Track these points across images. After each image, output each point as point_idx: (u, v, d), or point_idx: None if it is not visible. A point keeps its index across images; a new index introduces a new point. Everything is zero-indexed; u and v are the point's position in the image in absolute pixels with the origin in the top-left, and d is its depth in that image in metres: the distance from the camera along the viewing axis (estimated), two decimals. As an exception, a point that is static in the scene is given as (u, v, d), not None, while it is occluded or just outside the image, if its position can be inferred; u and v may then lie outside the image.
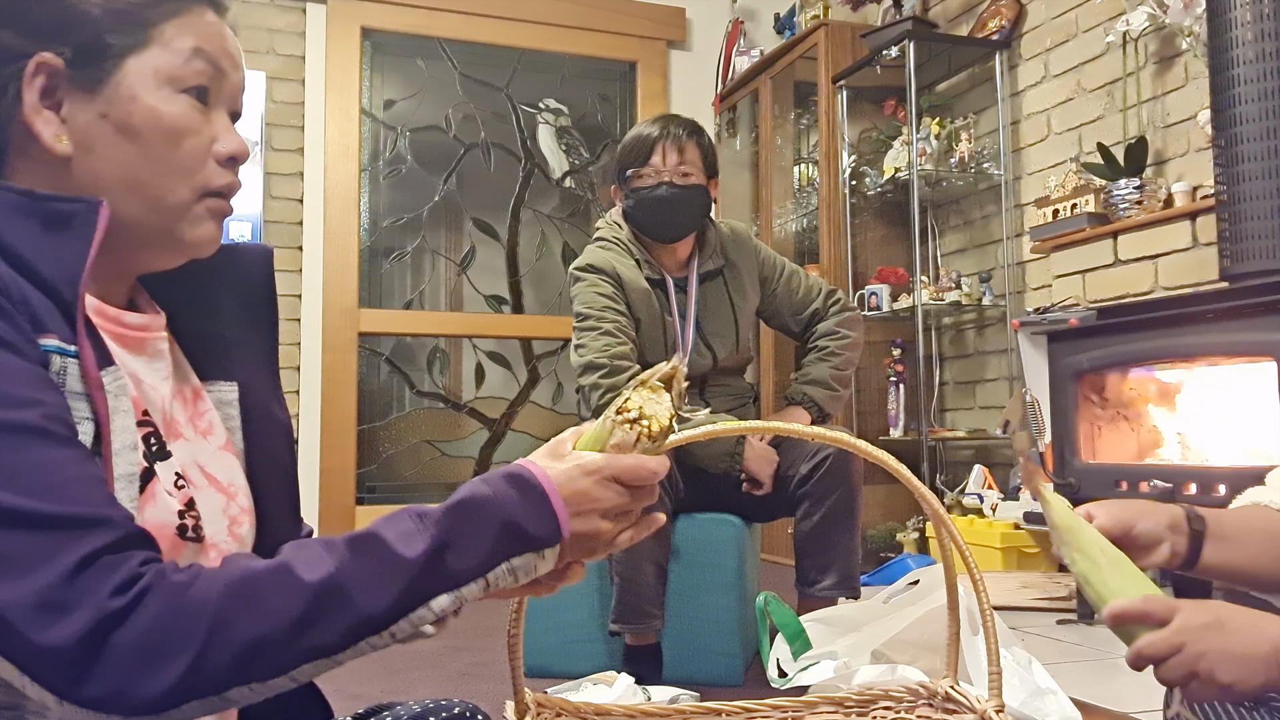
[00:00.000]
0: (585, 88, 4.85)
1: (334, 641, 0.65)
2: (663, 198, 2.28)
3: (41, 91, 0.75)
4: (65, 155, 0.75)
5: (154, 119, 0.76)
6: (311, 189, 4.26)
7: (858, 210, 4.18)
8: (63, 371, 0.68)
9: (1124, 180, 3.03)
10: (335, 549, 0.67)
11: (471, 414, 4.62)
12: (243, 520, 0.84)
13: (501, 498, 0.72)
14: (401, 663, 2.32)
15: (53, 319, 0.69)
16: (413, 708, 0.88)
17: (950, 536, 0.96)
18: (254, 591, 0.64)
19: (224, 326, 0.88)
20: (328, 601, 0.64)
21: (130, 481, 0.71)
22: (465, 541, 0.69)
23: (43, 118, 0.75)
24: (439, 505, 0.72)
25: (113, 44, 0.76)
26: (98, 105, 0.76)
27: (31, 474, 0.62)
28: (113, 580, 0.61)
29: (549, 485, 0.73)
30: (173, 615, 0.61)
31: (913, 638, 1.80)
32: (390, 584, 0.66)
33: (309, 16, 4.30)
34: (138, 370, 0.79)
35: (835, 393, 2.40)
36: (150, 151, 0.77)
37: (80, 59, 0.76)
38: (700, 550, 2.25)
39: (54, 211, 0.72)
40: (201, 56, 0.78)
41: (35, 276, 0.70)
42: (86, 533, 0.62)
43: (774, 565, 3.70)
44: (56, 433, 0.65)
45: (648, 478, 0.77)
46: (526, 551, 0.71)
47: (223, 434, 0.87)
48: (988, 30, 3.87)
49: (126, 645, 0.60)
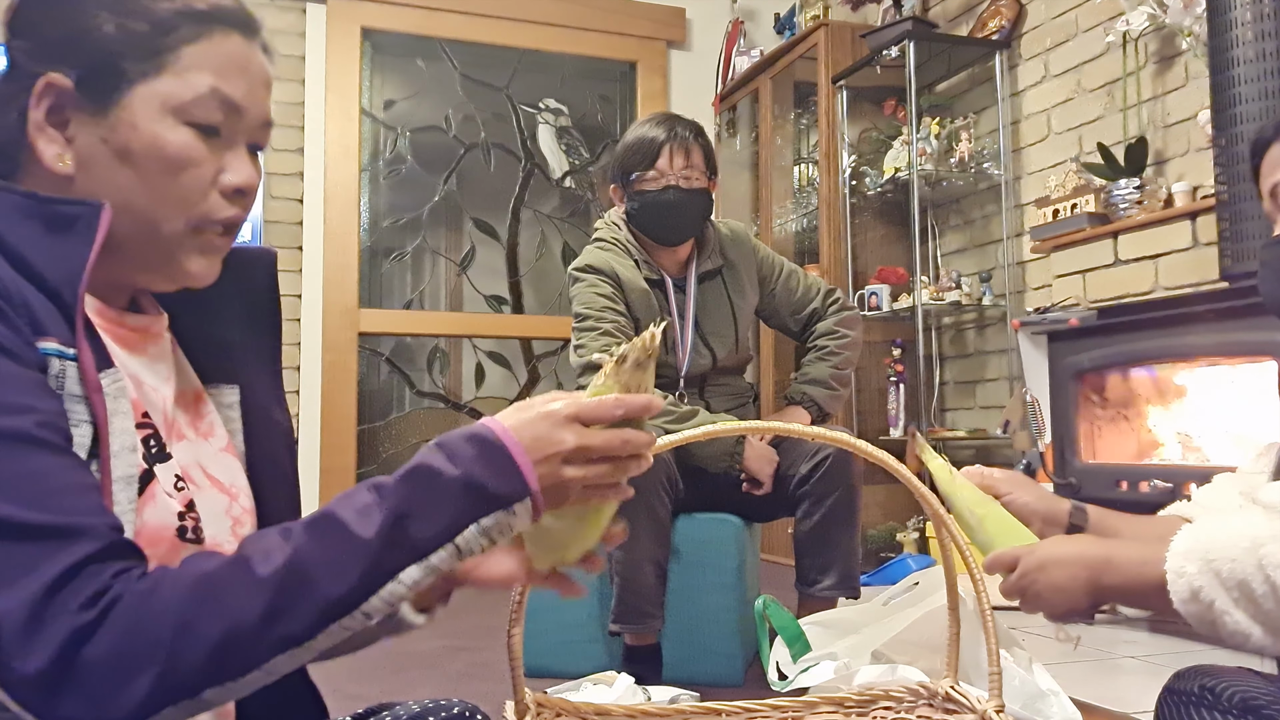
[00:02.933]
0: (585, 88, 4.85)
1: (302, 629, 0.63)
2: (670, 201, 2.28)
3: (48, 110, 0.75)
4: (67, 175, 0.75)
5: (154, 149, 0.75)
6: (311, 189, 4.26)
7: (858, 210, 4.18)
8: (61, 374, 0.68)
9: (1124, 180, 3.03)
10: (292, 535, 0.65)
11: (471, 414, 4.62)
12: (245, 521, 0.84)
13: (459, 457, 0.68)
14: (401, 663, 2.32)
15: (53, 321, 0.69)
16: (412, 708, 0.88)
17: (951, 536, 0.96)
18: (214, 590, 0.62)
19: (226, 330, 0.88)
20: (290, 590, 0.63)
21: (129, 484, 0.71)
22: (426, 508, 0.66)
23: (46, 136, 0.75)
24: (395, 473, 0.68)
25: (124, 69, 0.75)
26: (101, 130, 0.75)
27: (21, 482, 0.62)
28: (84, 593, 0.60)
29: (507, 438, 0.69)
30: (138, 625, 0.60)
31: (913, 638, 1.79)
32: (352, 563, 0.64)
33: (309, 16, 4.30)
34: (139, 371, 0.79)
35: (835, 392, 2.40)
36: (148, 180, 0.75)
37: (89, 81, 0.74)
38: (700, 550, 2.25)
39: (57, 214, 0.72)
40: (216, 96, 0.76)
41: (36, 278, 0.70)
42: (71, 543, 0.61)
43: (774, 565, 3.70)
44: (49, 440, 0.64)
45: (608, 414, 0.71)
46: (495, 510, 0.67)
47: (224, 436, 0.87)
48: (988, 30, 3.87)
49: (96, 660, 0.59)
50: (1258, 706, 0.91)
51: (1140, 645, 2.39)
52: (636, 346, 0.75)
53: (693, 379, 2.35)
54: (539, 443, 0.69)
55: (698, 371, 2.35)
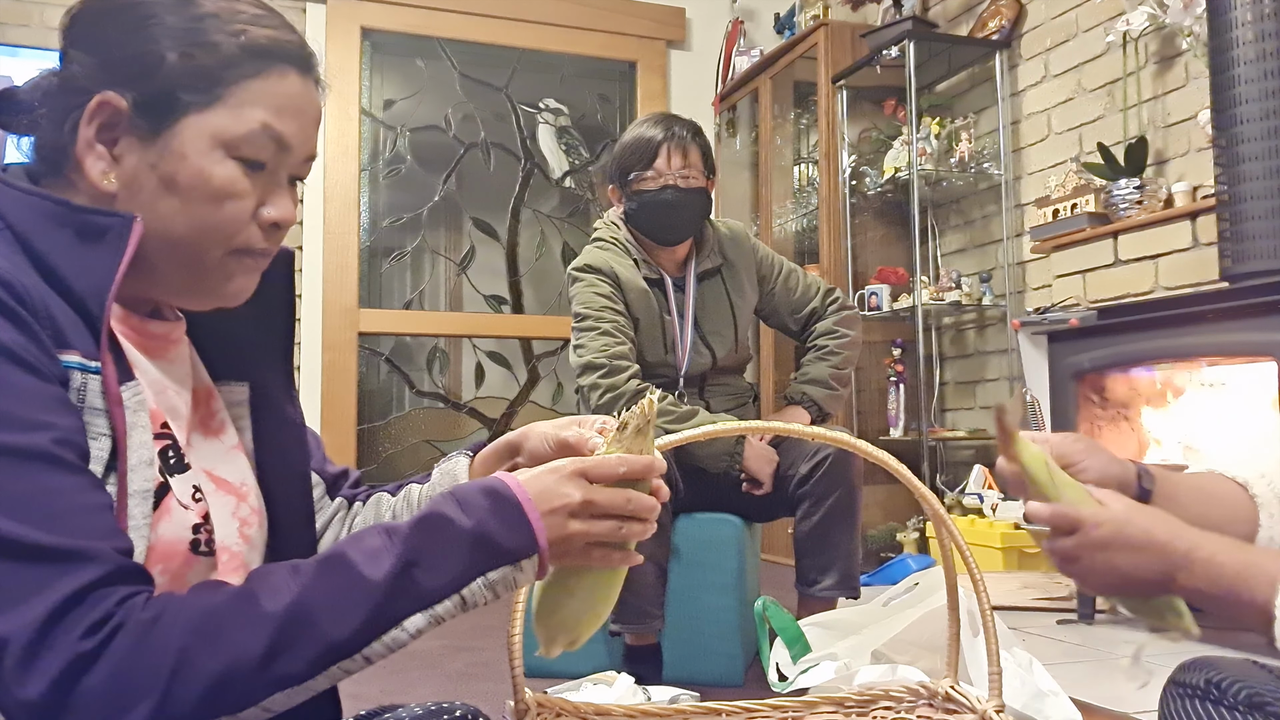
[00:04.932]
0: (585, 88, 4.85)
1: (302, 670, 0.64)
2: (668, 201, 2.28)
3: (99, 128, 0.74)
4: (110, 193, 0.75)
5: (200, 180, 0.75)
6: (311, 189, 4.26)
7: (858, 210, 4.18)
8: (83, 388, 0.68)
9: (1124, 180, 3.03)
10: (300, 574, 0.66)
11: (471, 414, 4.62)
12: (252, 521, 0.84)
13: (472, 509, 0.69)
14: (402, 663, 2.32)
15: (76, 333, 0.69)
16: (414, 710, 0.88)
17: (950, 536, 0.96)
18: (217, 625, 0.63)
19: (239, 327, 0.88)
20: (293, 630, 0.63)
21: (145, 498, 0.71)
22: (435, 558, 0.67)
23: (94, 154, 0.75)
24: (409, 519, 0.69)
25: (181, 98, 0.74)
26: (150, 155, 0.75)
27: (33, 501, 0.62)
28: (87, 621, 0.60)
29: (522, 494, 0.71)
30: (138, 656, 0.60)
31: (913, 638, 1.80)
32: (357, 607, 0.65)
33: (309, 16, 4.30)
34: (159, 377, 0.79)
35: (835, 392, 2.40)
36: (190, 209, 0.75)
37: (145, 106, 0.74)
38: (700, 550, 2.24)
39: (88, 223, 0.72)
40: (268, 133, 0.76)
41: (63, 287, 0.69)
42: (78, 567, 0.61)
43: (774, 565, 3.70)
44: (64, 459, 0.64)
45: (611, 471, 0.74)
46: (502, 565, 0.69)
47: (234, 434, 0.87)
48: (988, 30, 3.87)
49: (95, 689, 0.59)
50: (1263, 703, 0.90)
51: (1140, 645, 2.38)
52: (636, 414, 0.78)
53: (692, 379, 2.35)
54: (546, 494, 0.72)
55: (697, 371, 2.35)
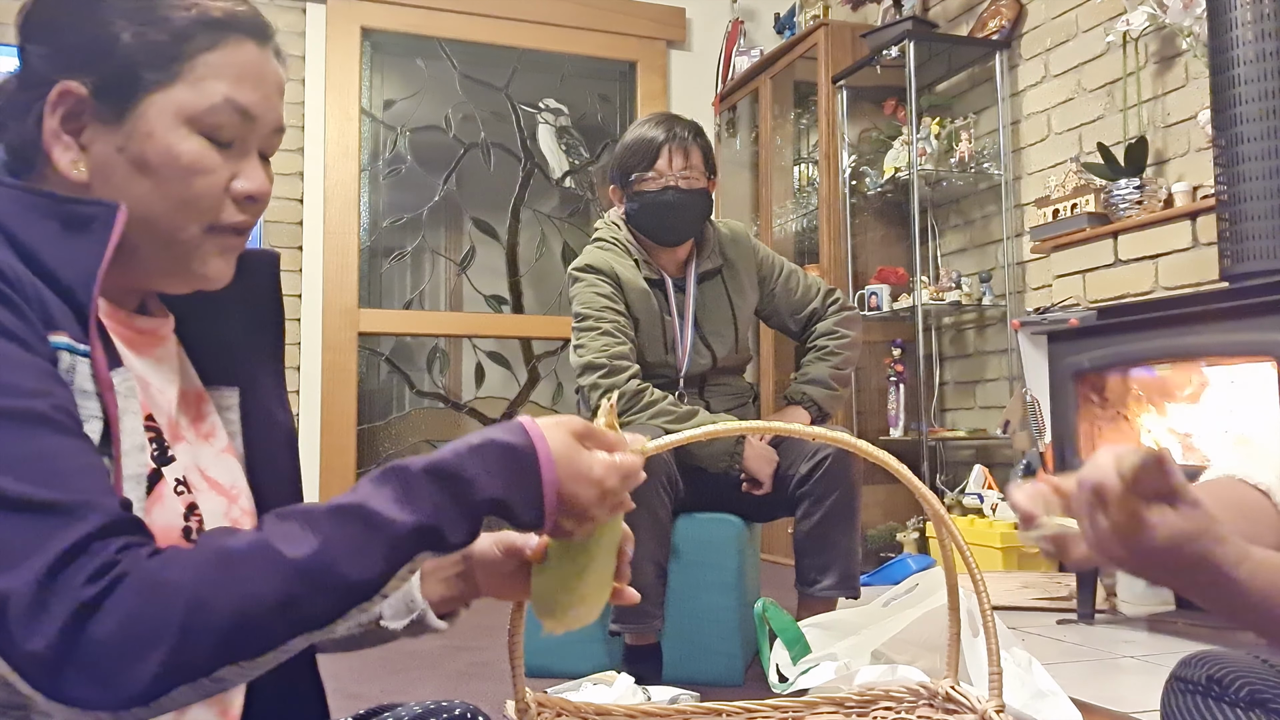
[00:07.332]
0: (585, 88, 4.85)
1: (323, 614, 0.64)
2: (669, 202, 2.28)
3: (63, 118, 0.75)
4: (82, 181, 0.75)
5: (169, 157, 0.75)
6: (311, 189, 4.26)
7: (858, 210, 4.18)
8: (72, 370, 0.68)
9: (1124, 180, 3.03)
10: (317, 523, 0.65)
11: (471, 414, 4.62)
12: (244, 523, 0.84)
13: (493, 475, 0.70)
14: (402, 662, 2.32)
15: (65, 318, 0.69)
16: (414, 709, 0.88)
17: (950, 536, 0.96)
18: (233, 570, 0.62)
19: (228, 331, 0.88)
20: (313, 578, 0.63)
21: (139, 483, 0.71)
22: (453, 520, 0.68)
23: (61, 144, 0.75)
24: (428, 466, 0.69)
25: (141, 78, 0.75)
26: (117, 138, 0.75)
27: (33, 461, 0.62)
28: (89, 568, 0.59)
29: (549, 472, 0.71)
30: (148, 600, 0.60)
31: (913, 638, 1.80)
32: (378, 553, 0.65)
33: (309, 16, 4.30)
34: (146, 374, 0.79)
35: (835, 392, 2.40)
36: (162, 188, 0.75)
37: (105, 89, 0.75)
38: (700, 550, 2.24)
39: (72, 213, 0.72)
40: (231, 105, 0.77)
41: (49, 276, 0.70)
42: (79, 519, 0.61)
43: (774, 565, 3.70)
44: (63, 422, 0.65)
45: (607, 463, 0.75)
46: (508, 529, 0.72)
47: (225, 438, 0.87)
48: (988, 30, 3.87)
49: (103, 636, 0.58)
50: (1265, 700, 0.90)
51: (1140, 645, 2.39)
52: (601, 420, 0.80)
53: (692, 379, 2.36)
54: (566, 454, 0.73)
55: (697, 371, 2.35)
